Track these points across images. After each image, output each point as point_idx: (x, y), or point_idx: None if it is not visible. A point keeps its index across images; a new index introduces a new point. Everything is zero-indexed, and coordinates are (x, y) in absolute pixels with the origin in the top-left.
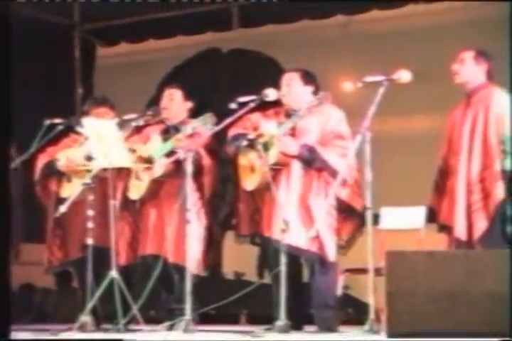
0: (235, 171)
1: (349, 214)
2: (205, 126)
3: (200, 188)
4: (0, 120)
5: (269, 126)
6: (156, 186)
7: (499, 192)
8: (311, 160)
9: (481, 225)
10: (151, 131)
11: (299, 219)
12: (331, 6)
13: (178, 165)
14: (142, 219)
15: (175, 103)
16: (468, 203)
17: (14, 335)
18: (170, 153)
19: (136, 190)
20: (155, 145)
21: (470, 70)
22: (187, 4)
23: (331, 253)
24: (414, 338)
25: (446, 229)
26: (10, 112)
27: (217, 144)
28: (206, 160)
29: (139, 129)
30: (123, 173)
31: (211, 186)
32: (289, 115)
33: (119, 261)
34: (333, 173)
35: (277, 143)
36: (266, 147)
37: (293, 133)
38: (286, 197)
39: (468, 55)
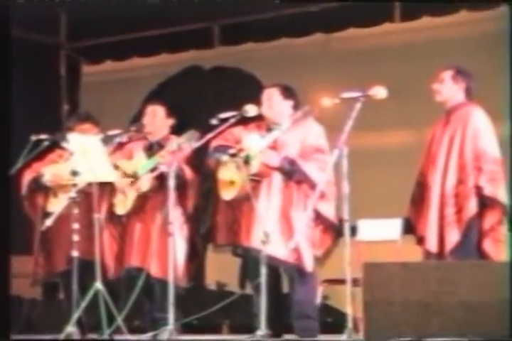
0: (215, 184)
1: (327, 227)
2: (189, 143)
3: (183, 202)
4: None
5: (251, 138)
6: (142, 201)
7: (472, 206)
8: (291, 173)
9: (453, 238)
10: (133, 147)
11: (279, 231)
12: (309, 25)
13: (162, 180)
14: (128, 233)
15: (157, 119)
16: (441, 216)
17: None
18: (154, 169)
19: (122, 205)
20: (139, 161)
21: (449, 89)
22: (170, 23)
23: (309, 264)
24: None
25: (422, 240)
26: (10, 127)
27: (198, 158)
28: (189, 175)
29: (121, 145)
30: (107, 188)
31: (193, 199)
32: (270, 129)
33: (107, 274)
34: (313, 186)
35: (259, 155)
36: (247, 160)
37: (274, 146)
38: (267, 208)
39: (447, 75)
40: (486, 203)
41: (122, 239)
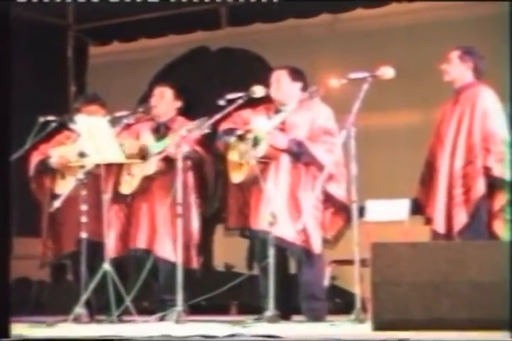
0: (224, 166)
1: (338, 209)
2: (199, 130)
3: (198, 183)
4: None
5: (259, 120)
6: (148, 182)
7: (480, 187)
8: (299, 154)
9: (461, 219)
10: (140, 127)
11: (287, 212)
12: (316, 5)
13: (171, 161)
14: (133, 214)
15: (165, 101)
16: (450, 197)
17: (13, 327)
18: (162, 151)
19: (128, 185)
20: (146, 142)
21: (457, 69)
22: (177, 4)
23: (317, 245)
24: (398, 326)
25: (430, 221)
26: (9, 109)
27: (208, 140)
28: (203, 155)
29: (128, 126)
30: (114, 168)
31: (210, 179)
32: (278, 111)
33: (110, 254)
34: (321, 168)
35: (267, 137)
36: (255, 142)
37: (282, 127)
38: (275, 190)
39: (455, 54)
40: (494, 184)
41: (127, 218)
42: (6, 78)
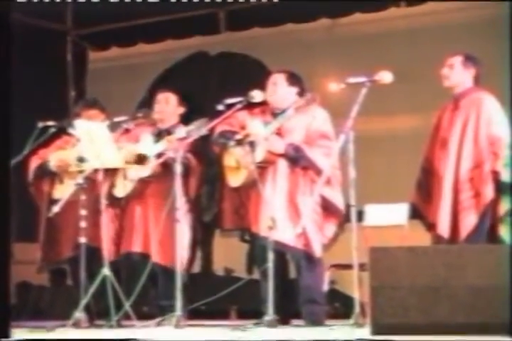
0: (221, 169)
1: (333, 212)
2: (198, 131)
3: (187, 189)
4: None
5: (255, 125)
6: (143, 185)
7: (488, 191)
8: (296, 159)
9: (469, 223)
10: (140, 131)
11: (286, 216)
12: (315, 10)
13: (166, 166)
14: (127, 217)
15: (170, 107)
16: (455, 201)
17: (12, 332)
18: (158, 155)
19: (122, 188)
20: (146, 145)
21: (458, 75)
22: (176, 9)
23: (317, 249)
24: (397, 331)
25: (432, 226)
26: (9, 115)
27: (202, 145)
28: (192, 162)
29: (127, 131)
30: (110, 172)
31: (196, 187)
32: (274, 114)
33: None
34: (318, 172)
35: (264, 142)
36: (253, 147)
37: (279, 132)
38: (273, 194)
39: (457, 60)
40: (501, 188)
41: (120, 222)
42: (6, 83)
